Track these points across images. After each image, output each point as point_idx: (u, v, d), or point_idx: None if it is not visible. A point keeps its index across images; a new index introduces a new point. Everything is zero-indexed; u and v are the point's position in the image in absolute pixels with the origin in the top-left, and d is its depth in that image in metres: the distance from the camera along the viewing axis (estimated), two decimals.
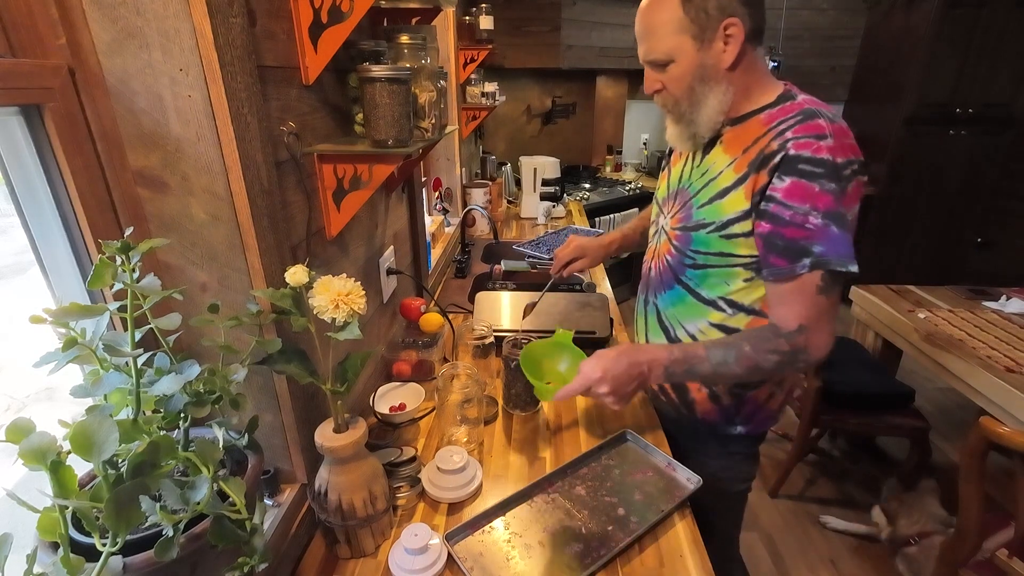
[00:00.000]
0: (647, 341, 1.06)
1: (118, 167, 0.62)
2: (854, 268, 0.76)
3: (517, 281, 1.70)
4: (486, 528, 0.84)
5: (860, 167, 0.76)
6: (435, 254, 1.88)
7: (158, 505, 0.44)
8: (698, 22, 0.79)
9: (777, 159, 0.76)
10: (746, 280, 0.87)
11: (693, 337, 0.95)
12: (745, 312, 0.89)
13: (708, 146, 0.90)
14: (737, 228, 0.83)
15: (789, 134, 0.77)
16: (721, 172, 0.85)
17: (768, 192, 0.78)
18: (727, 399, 0.98)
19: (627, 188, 3.45)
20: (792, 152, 0.75)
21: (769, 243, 0.79)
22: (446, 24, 1.98)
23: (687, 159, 0.96)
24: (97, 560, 0.42)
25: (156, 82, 0.59)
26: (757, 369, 0.82)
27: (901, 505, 1.70)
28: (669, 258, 0.96)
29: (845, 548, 1.86)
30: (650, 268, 1.03)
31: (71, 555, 0.42)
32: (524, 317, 1.30)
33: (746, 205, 0.81)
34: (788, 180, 0.76)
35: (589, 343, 1.36)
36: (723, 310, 0.90)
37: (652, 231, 1.07)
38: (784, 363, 0.81)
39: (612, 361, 0.83)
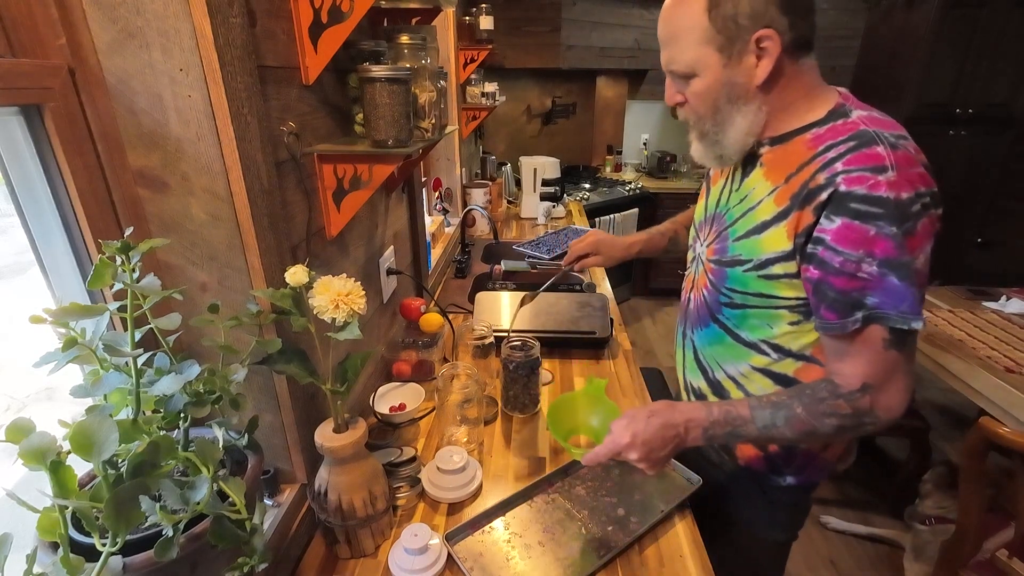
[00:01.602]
0: (684, 377, 0.95)
1: (118, 167, 0.62)
2: (917, 325, 0.63)
3: (517, 281, 1.70)
4: (486, 528, 0.84)
5: (932, 199, 0.63)
6: (435, 254, 1.88)
7: (158, 505, 0.44)
8: (725, 33, 0.67)
9: (825, 196, 0.64)
10: (792, 324, 0.75)
11: (734, 380, 0.84)
12: (794, 358, 0.78)
13: (748, 165, 0.79)
14: (778, 269, 0.72)
15: (839, 165, 0.64)
16: (760, 201, 0.74)
17: (815, 234, 0.66)
18: (775, 446, 0.86)
19: (627, 188, 3.45)
20: (843, 189, 0.63)
21: (819, 292, 0.68)
22: (446, 24, 1.98)
23: (726, 179, 0.84)
24: (97, 560, 0.42)
25: (156, 82, 0.59)
26: (813, 434, 0.70)
27: (936, 489, 1.69)
28: (706, 292, 0.85)
29: (845, 548, 1.86)
30: (688, 299, 0.91)
31: (71, 555, 0.42)
32: (520, 307, 1.25)
33: (788, 246, 0.70)
34: (839, 221, 0.63)
35: (589, 343, 1.36)
36: (767, 354, 0.79)
37: (690, 256, 0.95)
38: (846, 428, 0.69)
39: (643, 423, 0.72)
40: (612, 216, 3.25)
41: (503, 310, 1.42)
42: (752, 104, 0.72)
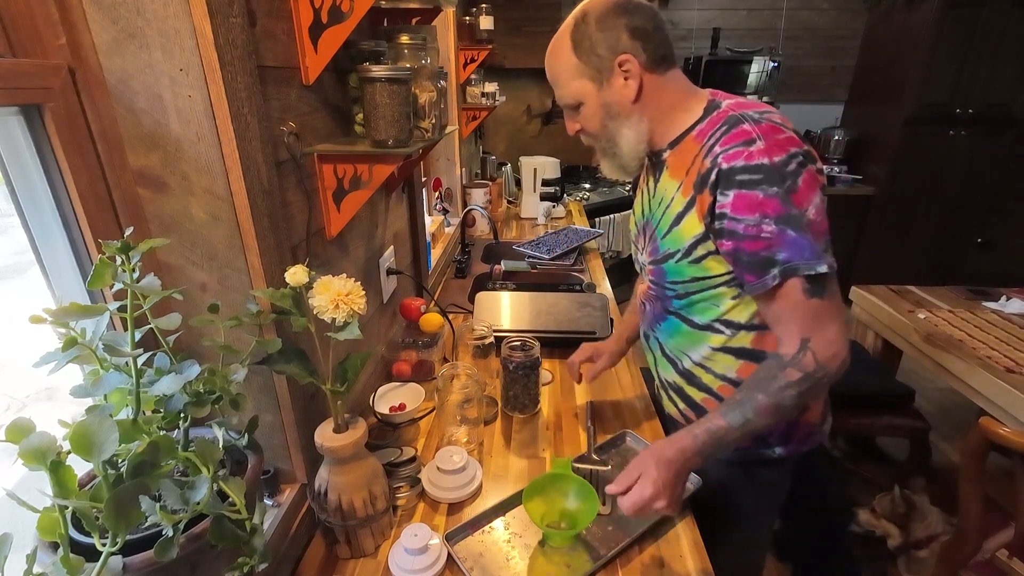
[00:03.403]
0: (658, 374, 0.99)
1: (118, 167, 0.62)
2: (823, 268, 0.70)
3: (517, 281, 1.70)
4: (486, 528, 0.84)
5: (806, 157, 0.71)
6: (435, 254, 1.88)
7: (158, 505, 0.44)
8: (592, 64, 0.80)
9: (713, 176, 0.73)
10: (734, 298, 0.82)
11: (701, 366, 0.89)
12: (746, 330, 0.83)
13: (656, 172, 0.87)
14: (701, 250, 0.79)
15: (717, 148, 0.73)
16: (673, 198, 0.82)
17: (717, 210, 0.74)
18: None
19: (627, 188, 3.45)
20: (724, 166, 0.72)
21: (736, 260, 0.75)
22: (446, 24, 1.98)
23: (644, 191, 0.93)
24: (97, 560, 0.42)
25: (156, 82, 0.59)
26: (781, 410, 0.74)
27: (912, 511, 1.69)
28: (653, 292, 0.93)
29: None
30: (643, 303, 0.99)
31: (71, 555, 0.42)
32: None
33: (701, 228, 0.78)
34: (731, 194, 0.72)
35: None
36: (721, 332, 0.85)
37: (637, 267, 1.02)
38: (805, 392, 0.73)
39: (652, 471, 0.74)
40: (612, 216, 3.25)
41: (503, 310, 1.42)
42: (632, 117, 0.82)
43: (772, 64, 3.41)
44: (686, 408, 0.94)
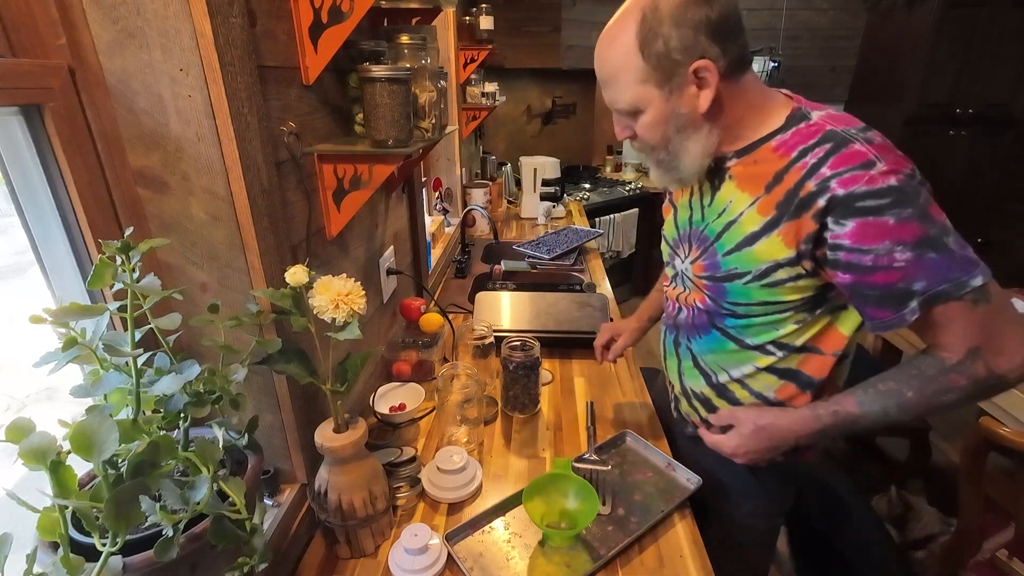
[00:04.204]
0: (680, 383, 0.94)
1: (118, 167, 0.62)
2: (976, 282, 0.61)
3: (517, 281, 1.70)
4: (486, 528, 0.84)
5: (919, 172, 0.64)
6: (435, 254, 1.88)
7: (158, 505, 0.44)
8: (661, 69, 0.68)
9: (822, 203, 0.64)
10: (797, 323, 0.76)
11: (739, 382, 0.84)
12: (797, 352, 0.78)
13: (714, 179, 0.79)
14: (782, 274, 0.72)
15: (827, 170, 0.64)
16: (743, 214, 0.74)
17: (831, 241, 0.66)
18: None
19: (627, 188, 3.45)
20: (841, 193, 0.63)
21: (858, 295, 0.68)
22: (446, 24, 1.98)
23: (692, 195, 0.85)
24: (97, 560, 0.42)
25: (156, 82, 0.59)
26: (932, 411, 0.70)
27: (909, 511, 1.69)
28: (701, 305, 0.84)
29: None
30: (679, 309, 0.91)
31: (71, 555, 0.42)
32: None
33: (790, 253, 0.69)
34: (851, 223, 0.63)
35: (589, 343, 1.36)
36: (772, 354, 0.79)
37: (669, 271, 0.95)
38: (971, 397, 0.67)
39: (748, 438, 0.76)
40: (612, 216, 3.25)
41: (503, 310, 1.42)
42: (701, 131, 0.73)
43: (772, 64, 3.41)
44: (708, 415, 0.90)
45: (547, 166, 2.64)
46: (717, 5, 0.66)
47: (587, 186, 3.42)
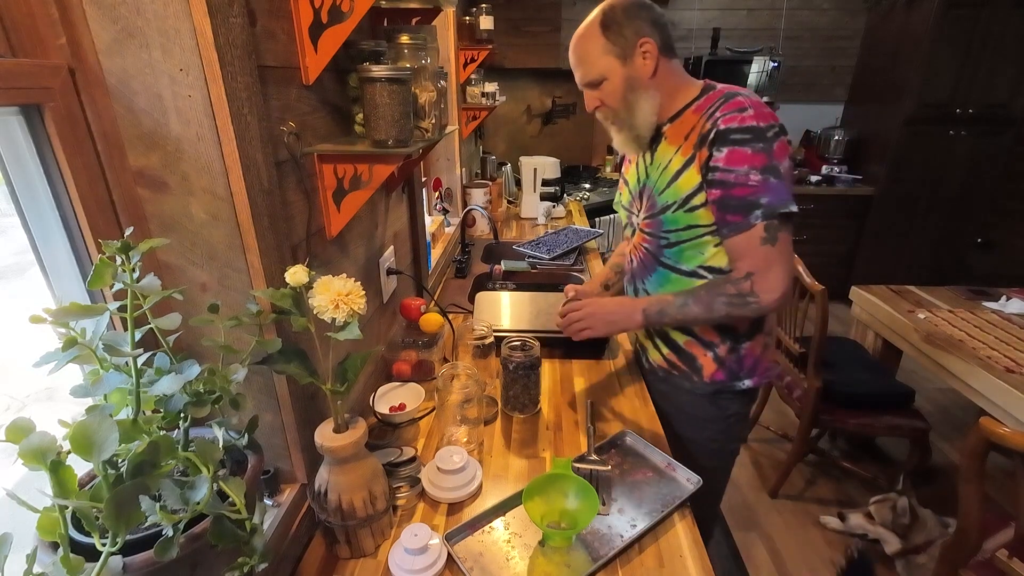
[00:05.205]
0: (646, 328, 1.15)
1: (118, 167, 0.62)
2: (794, 208, 0.89)
3: (517, 281, 1.70)
4: (486, 528, 0.84)
5: (780, 129, 0.90)
6: (435, 254, 1.88)
7: (158, 505, 0.44)
8: (619, 44, 0.95)
9: (712, 135, 0.90)
10: (716, 246, 0.99)
11: None
12: (722, 274, 1.00)
13: (654, 144, 1.04)
14: (696, 200, 0.95)
15: (718, 113, 0.91)
16: (671, 159, 0.98)
17: (711, 164, 0.91)
18: (728, 357, 1.07)
19: None
20: (722, 127, 0.89)
21: (723, 205, 0.92)
22: (446, 24, 1.98)
23: (638, 162, 1.09)
24: (97, 560, 0.42)
25: (156, 82, 0.59)
26: (710, 308, 0.96)
27: (916, 520, 1.69)
28: (647, 246, 1.08)
29: (845, 548, 1.86)
30: (632, 259, 1.16)
31: (71, 555, 0.42)
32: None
33: (699, 179, 0.94)
34: (725, 150, 0.89)
35: (589, 343, 1.36)
36: (704, 277, 1.01)
37: (628, 232, 1.19)
38: (733, 304, 0.94)
39: (596, 312, 1.05)
40: (612, 216, 3.25)
41: (503, 310, 1.42)
42: (649, 91, 0.98)
43: (772, 64, 3.41)
44: (670, 353, 1.13)
45: (547, 166, 2.64)
46: (654, 11, 0.96)
47: (587, 186, 3.42)
